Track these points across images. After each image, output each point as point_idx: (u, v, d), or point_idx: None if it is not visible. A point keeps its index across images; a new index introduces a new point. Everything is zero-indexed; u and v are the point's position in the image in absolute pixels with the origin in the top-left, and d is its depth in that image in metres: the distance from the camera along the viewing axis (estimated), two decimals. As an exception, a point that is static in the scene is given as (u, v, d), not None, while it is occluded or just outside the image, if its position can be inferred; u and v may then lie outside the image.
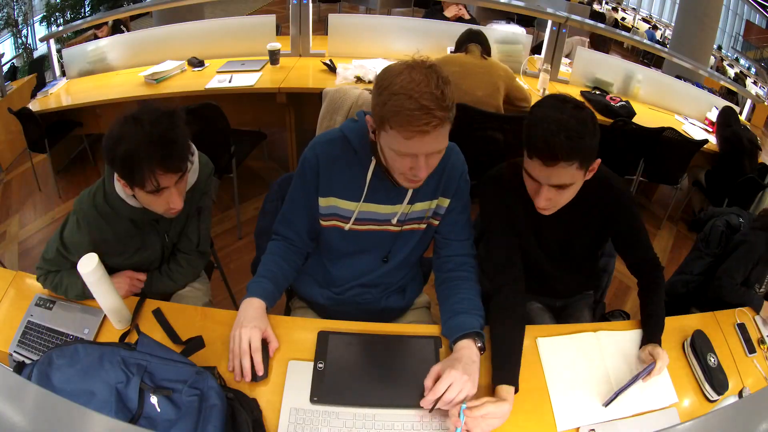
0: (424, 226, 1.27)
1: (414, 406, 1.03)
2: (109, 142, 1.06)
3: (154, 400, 0.94)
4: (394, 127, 0.98)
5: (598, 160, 1.14)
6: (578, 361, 1.18)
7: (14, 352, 1.17)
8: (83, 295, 1.20)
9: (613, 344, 1.24)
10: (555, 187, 1.10)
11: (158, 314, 1.22)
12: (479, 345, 1.11)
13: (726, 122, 3.05)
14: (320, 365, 1.09)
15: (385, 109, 0.97)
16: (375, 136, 1.07)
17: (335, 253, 1.29)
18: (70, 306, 1.24)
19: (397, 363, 1.13)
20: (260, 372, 1.05)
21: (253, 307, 1.13)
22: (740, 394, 1.20)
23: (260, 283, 1.18)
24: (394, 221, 1.22)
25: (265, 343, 1.10)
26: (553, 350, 1.20)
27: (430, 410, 1.00)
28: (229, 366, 1.07)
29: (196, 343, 1.14)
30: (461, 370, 1.01)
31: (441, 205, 1.25)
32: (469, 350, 1.08)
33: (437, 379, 1.01)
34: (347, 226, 1.22)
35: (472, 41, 2.55)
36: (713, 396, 1.16)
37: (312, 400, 1.04)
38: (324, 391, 1.05)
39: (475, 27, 2.76)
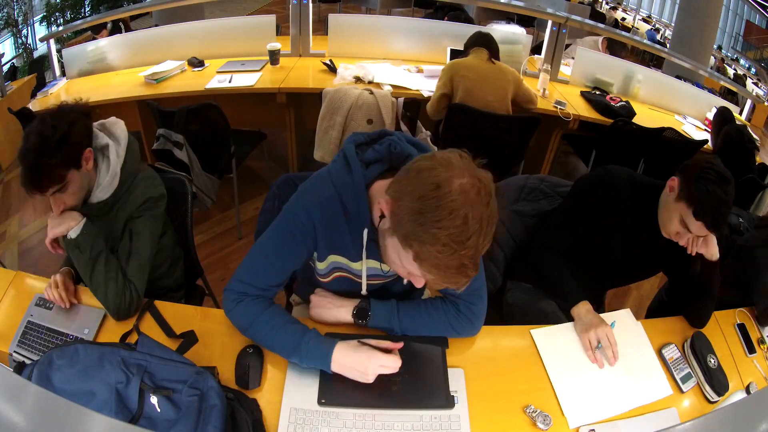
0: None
1: (422, 407, 1.04)
2: None
3: (154, 400, 0.94)
4: (418, 262, 0.84)
5: None
6: (575, 350, 1.21)
7: (14, 352, 1.17)
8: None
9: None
10: (698, 237, 1.30)
11: (152, 309, 1.22)
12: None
13: (724, 120, 3.06)
14: None
15: (422, 247, 0.82)
16: (381, 220, 0.93)
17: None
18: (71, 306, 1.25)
19: (404, 365, 1.11)
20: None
21: (346, 351, 1.05)
22: (747, 390, 1.20)
23: (311, 341, 1.06)
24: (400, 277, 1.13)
25: (259, 353, 1.10)
26: (549, 340, 1.22)
27: None
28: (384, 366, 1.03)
29: (190, 339, 1.14)
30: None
31: None
32: None
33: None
34: (363, 290, 1.14)
35: (480, 45, 2.55)
36: (713, 397, 1.16)
37: (320, 402, 1.03)
38: (332, 393, 1.05)
39: (484, 30, 2.76)
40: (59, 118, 1.13)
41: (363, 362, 1.03)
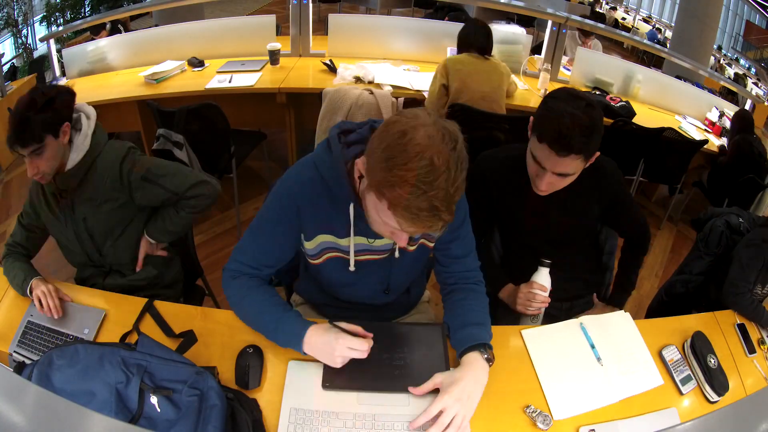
0: (413, 248, 1.18)
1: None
2: None
3: (154, 400, 0.94)
4: (394, 212, 0.86)
5: (597, 153, 1.21)
6: (566, 349, 1.20)
7: (14, 352, 1.17)
8: (21, 289, 1.27)
9: (598, 328, 1.25)
10: (558, 174, 1.18)
11: (152, 309, 1.22)
12: (486, 357, 1.08)
13: (741, 128, 3.04)
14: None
15: (391, 191, 0.83)
16: (360, 183, 0.96)
17: (335, 284, 1.24)
18: (70, 306, 1.25)
19: (405, 349, 1.14)
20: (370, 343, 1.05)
21: (317, 332, 1.06)
22: None
23: (288, 318, 1.08)
24: (385, 250, 1.16)
25: (259, 353, 1.11)
26: (539, 341, 1.22)
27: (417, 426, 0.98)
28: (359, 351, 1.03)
29: (189, 338, 1.15)
30: (456, 396, 0.99)
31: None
32: (474, 366, 1.06)
33: (433, 389, 1.02)
34: (351, 266, 1.15)
35: (473, 47, 2.54)
36: (713, 397, 1.16)
37: (324, 386, 1.05)
38: (335, 377, 1.06)
39: (474, 27, 2.71)
40: (48, 88, 1.29)
41: (331, 344, 1.04)
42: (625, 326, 1.28)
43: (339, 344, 1.03)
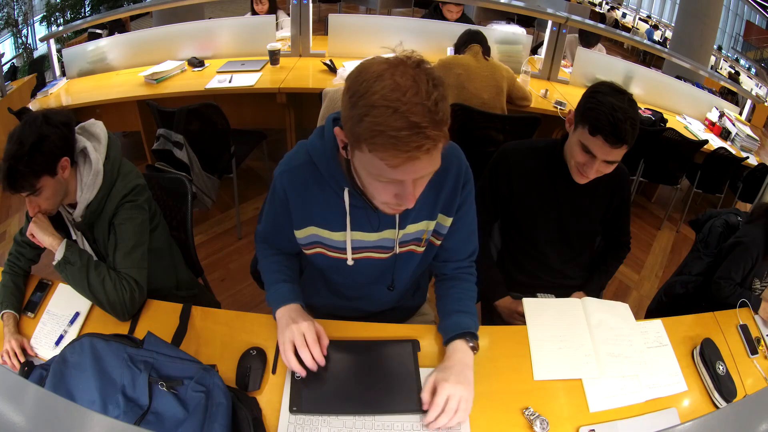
0: (422, 249, 1.14)
1: (392, 412, 1.01)
2: None
3: (163, 393, 0.95)
4: (374, 150, 0.77)
5: None
6: (561, 323, 1.23)
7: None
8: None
9: (596, 311, 1.27)
10: (606, 162, 1.26)
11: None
12: (471, 345, 1.07)
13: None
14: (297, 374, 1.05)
15: (361, 126, 0.76)
16: (347, 153, 0.87)
17: (334, 281, 1.22)
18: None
19: (375, 368, 1.09)
20: (322, 362, 1.03)
21: (292, 309, 1.09)
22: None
23: (278, 290, 1.13)
24: (387, 247, 1.10)
25: (262, 355, 1.10)
26: (538, 310, 1.25)
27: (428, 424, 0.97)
28: (291, 363, 1.02)
29: (182, 327, 1.17)
30: (454, 381, 0.99)
31: (442, 224, 1.10)
32: (461, 353, 1.06)
33: (433, 391, 0.99)
34: (349, 261, 1.10)
35: (474, 41, 2.55)
36: (722, 403, 1.15)
37: (291, 410, 1.00)
38: (302, 400, 1.02)
39: (474, 27, 2.75)
40: (37, 127, 1.14)
41: (285, 333, 1.05)
42: (625, 317, 1.30)
43: (288, 340, 1.03)
